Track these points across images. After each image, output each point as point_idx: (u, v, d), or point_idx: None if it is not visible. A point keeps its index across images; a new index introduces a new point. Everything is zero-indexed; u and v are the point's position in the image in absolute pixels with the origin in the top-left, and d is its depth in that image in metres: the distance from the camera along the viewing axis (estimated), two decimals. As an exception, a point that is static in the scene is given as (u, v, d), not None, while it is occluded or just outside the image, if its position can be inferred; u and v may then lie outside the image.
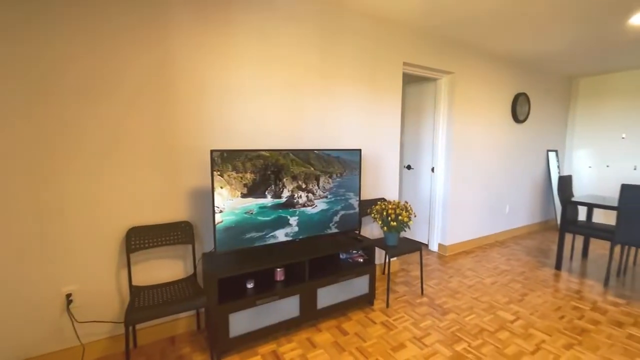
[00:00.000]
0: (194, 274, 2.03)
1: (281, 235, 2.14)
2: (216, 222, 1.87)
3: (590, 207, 3.14)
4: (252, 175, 2.00)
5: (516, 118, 4.08)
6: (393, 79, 2.88)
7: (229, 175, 1.91)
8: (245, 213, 2.00)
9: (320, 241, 2.34)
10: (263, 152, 2.01)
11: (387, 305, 2.42)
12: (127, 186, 1.84)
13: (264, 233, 2.07)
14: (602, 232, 2.97)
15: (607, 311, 2.37)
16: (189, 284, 1.92)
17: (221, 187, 1.88)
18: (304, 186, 2.19)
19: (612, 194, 4.60)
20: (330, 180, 2.30)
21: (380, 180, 2.93)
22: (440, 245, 3.62)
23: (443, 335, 2.05)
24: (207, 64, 2.00)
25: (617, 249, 3.78)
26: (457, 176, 3.54)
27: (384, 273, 3.01)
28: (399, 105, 2.96)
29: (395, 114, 2.95)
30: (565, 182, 3.26)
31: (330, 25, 2.46)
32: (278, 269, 2.06)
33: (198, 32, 1.96)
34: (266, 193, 2.06)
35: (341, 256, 2.46)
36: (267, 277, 2.11)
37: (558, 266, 3.17)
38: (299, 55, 2.35)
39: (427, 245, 3.81)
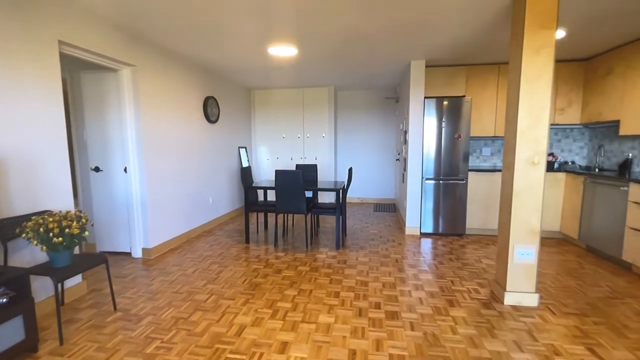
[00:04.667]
0: None
1: None
2: None
3: (265, 189, 4.09)
4: None
5: (209, 119, 4.55)
6: (45, 59, 2.27)
7: None
8: None
9: None
10: None
11: (62, 342, 1.94)
12: None
13: None
14: (272, 206, 3.97)
15: (273, 265, 3.21)
16: None
17: None
18: None
19: (282, 178, 6.30)
20: None
21: (39, 189, 2.27)
22: (144, 250, 3.40)
23: (134, 344, 1.93)
24: None
25: (282, 216, 5.23)
26: (155, 175, 3.44)
27: (63, 303, 2.40)
28: (59, 92, 2.39)
29: (55, 102, 2.36)
30: (246, 172, 4.04)
31: None
32: None
33: None
34: None
35: (-34, 305, 1.68)
36: None
37: (247, 241, 3.91)
38: None
39: (130, 254, 3.47)
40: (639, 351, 1.84)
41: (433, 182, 4.24)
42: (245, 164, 5.74)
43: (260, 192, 6.12)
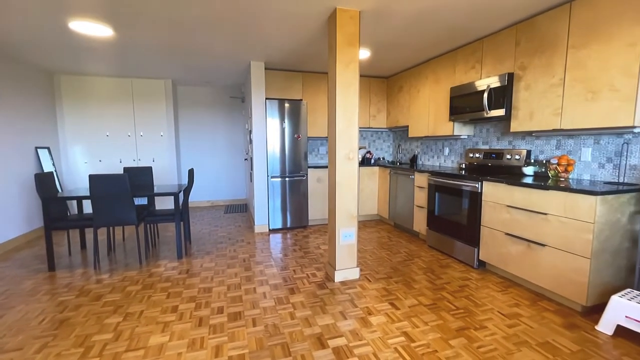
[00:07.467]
0: None
1: None
2: None
3: (78, 199, 3.26)
4: None
5: (-25, 107, 3.25)
6: None
7: None
8: None
9: None
10: None
11: None
12: None
13: None
14: (88, 220, 3.21)
15: (91, 291, 2.60)
16: None
17: None
18: None
19: (109, 185, 5.21)
20: None
21: None
22: None
23: None
24: None
25: (106, 231, 4.37)
26: None
27: None
28: None
29: None
30: (44, 180, 3.12)
31: None
32: None
33: None
34: None
35: None
36: None
37: (52, 267, 3.03)
38: None
39: None
40: (420, 297, 2.48)
41: (279, 179, 4.45)
42: (48, 169, 4.44)
43: (74, 204, 4.88)
